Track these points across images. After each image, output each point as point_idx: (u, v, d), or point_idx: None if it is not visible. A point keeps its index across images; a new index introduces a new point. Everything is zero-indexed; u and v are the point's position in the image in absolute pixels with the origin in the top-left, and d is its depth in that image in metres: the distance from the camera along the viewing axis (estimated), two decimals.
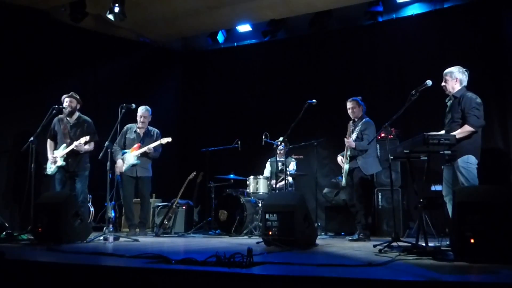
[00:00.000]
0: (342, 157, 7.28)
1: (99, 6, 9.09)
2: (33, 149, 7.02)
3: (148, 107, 8.09)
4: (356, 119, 7.22)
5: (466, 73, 5.70)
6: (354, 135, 7.07)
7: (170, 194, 8.80)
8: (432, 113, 7.44)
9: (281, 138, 8.02)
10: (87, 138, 7.33)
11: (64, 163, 7.42)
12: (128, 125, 8.12)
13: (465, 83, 5.68)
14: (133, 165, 7.88)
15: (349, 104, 7.26)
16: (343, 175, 7.18)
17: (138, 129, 8.11)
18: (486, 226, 3.92)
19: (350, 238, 7.03)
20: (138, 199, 8.13)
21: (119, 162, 7.87)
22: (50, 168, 7.50)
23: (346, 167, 7.10)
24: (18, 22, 8.88)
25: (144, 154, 7.91)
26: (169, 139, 7.98)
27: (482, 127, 5.50)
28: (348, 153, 7.10)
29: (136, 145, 7.95)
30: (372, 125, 7.06)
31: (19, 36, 8.85)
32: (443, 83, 5.73)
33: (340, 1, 9.30)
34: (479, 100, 5.50)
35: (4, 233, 6.52)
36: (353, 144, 6.97)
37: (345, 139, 7.08)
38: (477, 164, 5.42)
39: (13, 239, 6.34)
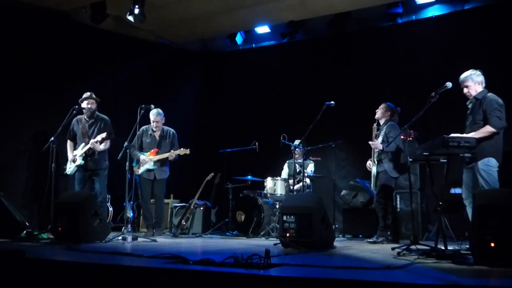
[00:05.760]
0: (371, 162, 7.22)
1: (119, 8, 9.15)
2: (54, 149, 7.11)
3: (159, 110, 8.00)
4: (380, 122, 7.18)
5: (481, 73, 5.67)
6: (380, 139, 7.01)
7: (188, 195, 8.83)
8: (452, 115, 7.38)
9: (297, 141, 8.01)
10: (103, 135, 7.39)
11: (83, 162, 7.49)
12: (144, 127, 8.12)
13: (484, 84, 5.64)
14: (150, 170, 7.94)
15: (380, 106, 7.25)
16: (372, 179, 7.14)
17: (153, 132, 8.15)
18: (507, 230, 3.87)
19: (369, 240, 7.01)
20: (153, 200, 8.18)
21: (142, 158, 7.92)
22: (70, 168, 7.57)
23: (374, 170, 7.06)
24: (39, 23, 8.97)
25: (160, 159, 7.95)
26: (187, 151, 7.98)
27: (503, 129, 5.44)
28: (375, 156, 7.06)
29: (153, 150, 7.98)
30: (396, 128, 6.98)
31: (40, 36, 8.96)
32: (465, 90, 5.65)
33: (359, 2, 9.23)
34: (500, 101, 5.45)
35: (24, 232, 6.59)
36: (380, 146, 6.91)
37: (370, 142, 7.03)
38: (498, 167, 5.36)
39: (33, 238, 6.42)
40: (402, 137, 7.37)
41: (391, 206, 7.07)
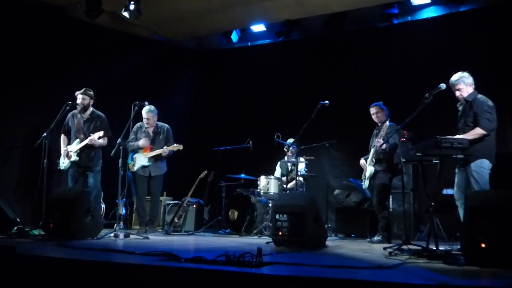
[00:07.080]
0: (365, 160, 7.21)
1: (114, 3, 9.12)
2: (46, 145, 7.08)
3: (152, 107, 7.98)
4: (380, 123, 7.17)
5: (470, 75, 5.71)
6: (380, 139, 7.01)
7: (181, 192, 8.81)
8: (445, 116, 7.40)
9: (291, 140, 7.98)
10: (101, 133, 7.34)
11: (78, 158, 7.43)
12: (138, 124, 8.09)
13: (474, 85, 5.68)
14: (144, 166, 7.91)
15: (372, 110, 7.19)
16: (366, 177, 7.12)
17: (147, 129, 8.10)
18: (498, 231, 3.90)
19: (369, 240, 7.03)
20: (149, 197, 8.16)
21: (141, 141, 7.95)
22: (63, 163, 7.52)
23: (371, 169, 7.04)
24: (34, 18, 8.92)
25: (154, 155, 7.93)
26: (180, 147, 7.96)
27: (494, 131, 5.46)
28: (374, 155, 7.05)
29: (147, 147, 7.96)
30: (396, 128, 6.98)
31: (34, 31, 8.89)
32: (457, 93, 5.68)
33: (355, 2, 9.25)
34: (491, 103, 5.48)
35: (15, 228, 6.56)
36: (384, 145, 6.90)
37: (377, 140, 6.98)
38: (491, 169, 5.38)
39: (25, 234, 6.39)
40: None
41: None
